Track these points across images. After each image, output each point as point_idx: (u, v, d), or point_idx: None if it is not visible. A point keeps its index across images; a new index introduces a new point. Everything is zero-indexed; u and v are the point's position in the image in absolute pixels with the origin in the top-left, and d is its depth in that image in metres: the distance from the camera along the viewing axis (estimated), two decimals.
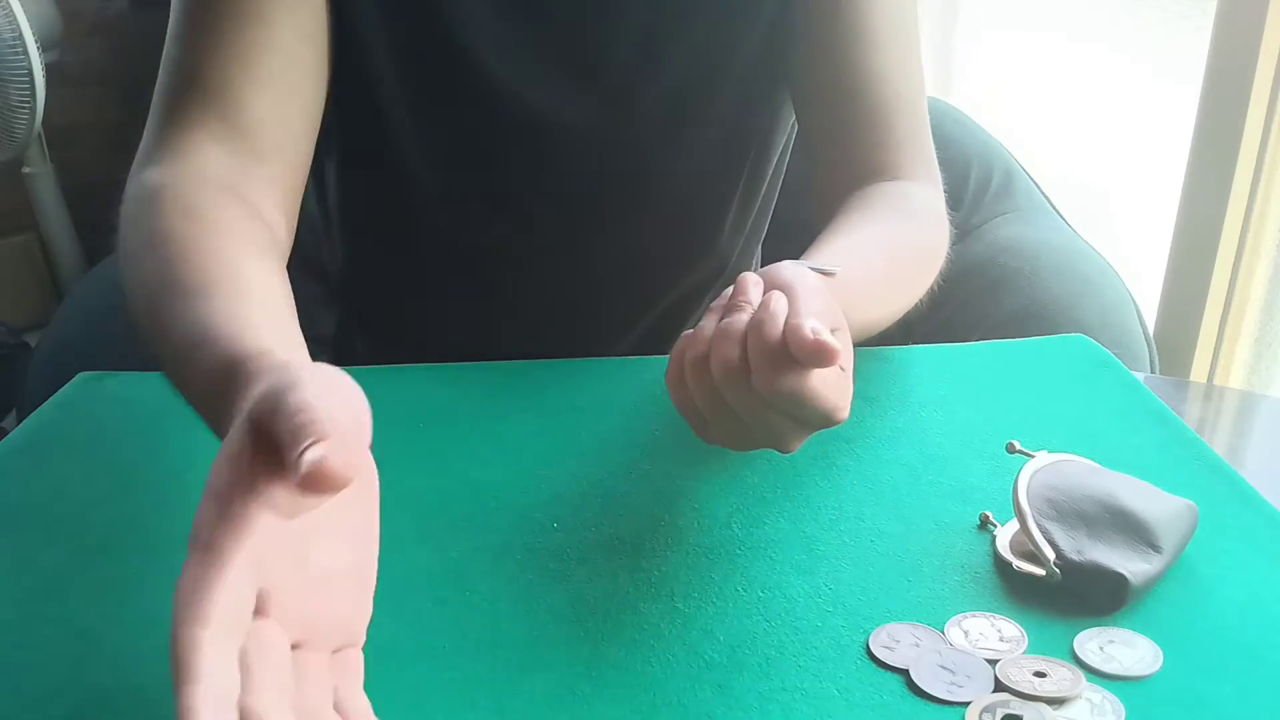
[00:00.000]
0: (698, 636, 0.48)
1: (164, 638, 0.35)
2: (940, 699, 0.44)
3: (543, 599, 0.51)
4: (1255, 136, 1.18)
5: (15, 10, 1.76)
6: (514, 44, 0.75)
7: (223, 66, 0.67)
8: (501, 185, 0.80)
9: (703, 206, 0.84)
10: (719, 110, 0.79)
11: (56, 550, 0.56)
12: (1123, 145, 1.47)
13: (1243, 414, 0.80)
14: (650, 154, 0.80)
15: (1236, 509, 0.57)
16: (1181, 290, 1.29)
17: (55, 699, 0.46)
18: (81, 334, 1.12)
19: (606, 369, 0.74)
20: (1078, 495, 0.52)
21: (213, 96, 0.66)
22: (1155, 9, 1.40)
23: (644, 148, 0.79)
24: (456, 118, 0.77)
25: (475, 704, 0.45)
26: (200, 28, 0.68)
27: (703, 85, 0.78)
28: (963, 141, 1.23)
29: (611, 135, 0.78)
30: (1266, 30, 1.14)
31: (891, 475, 0.60)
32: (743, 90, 0.79)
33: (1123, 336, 1.00)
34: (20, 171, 2.05)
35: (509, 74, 0.75)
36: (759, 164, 0.85)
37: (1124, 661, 0.46)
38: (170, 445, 0.66)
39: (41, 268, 2.27)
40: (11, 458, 0.65)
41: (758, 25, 0.77)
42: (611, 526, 0.56)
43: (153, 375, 0.74)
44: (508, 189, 0.80)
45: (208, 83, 0.67)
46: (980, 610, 0.49)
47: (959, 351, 0.75)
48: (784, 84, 0.81)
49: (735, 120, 0.81)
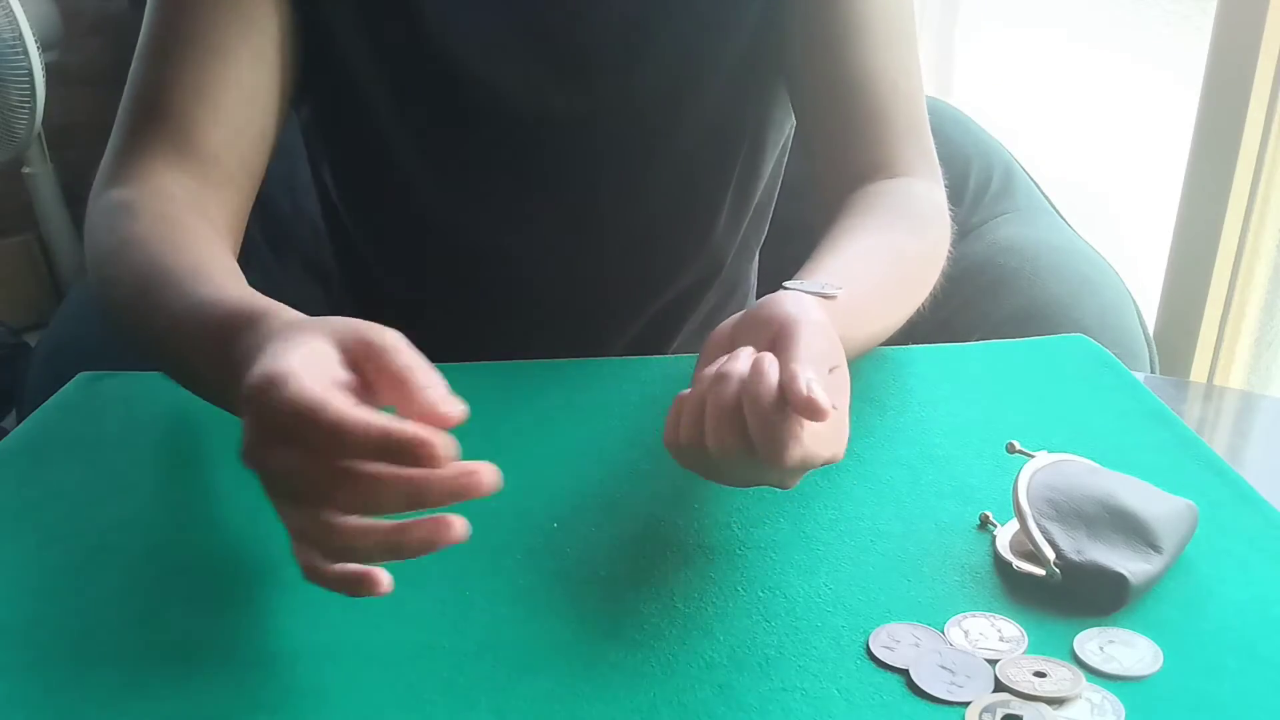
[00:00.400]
0: (698, 636, 0.48)
1: (164, 637, 0.35)
2: (940, 699, 0.44)
3: (543, 599, 0.51)
4: (1255, 136, 1.18)
5: (15, 10, 1.76)
6: (495, 40, 0.75)
7: (182, 99, 0.70)
8: (490, 184, 0.80)
9: (693, 204, 0.84)
10: (707, 106, 0.79)
11: (56, 550, 0.56)
12: (1123, 145, 1.47)
13: (1243, 414, 0.80)
14: (637, 151, 0.80)
15: (1236, 509, 0.57)
16: (1181, 290, 1.29)
17: (55, 699, 0.46)
18: (81, 334, 1.12)
19: (606, 369, 0.74)
20: (1078, 495, 0.52)
21: (172, 128, 0.70)
22: (1155, 9, 1.40)
23: (631, 144, 0.79)
24: (441, 117, 0.78)
25: (475, 704, 0.45)
26: (163, 55, 0.71)
27: (689, 81, 0.78)
28: (963, 141, 1.23)
29: (598, 131, 0.78)
30: (1266, 30, 1.14)
31: (891, 475, 0.60)
32: (731, 86, 0.79)
33: (1123, 336, 1.00)
34: (20, 171, 2.05)
35: (490, 70, 0.76)
36: (752, 162, 0.85)
37: (1124, 661, 0.46)
38: (170, 445, 0.66)
39: (41, 268, 2.27)
40: (11, 458, 0.65)
41: (746, 20, 0.77)
42: (611, 526, 0.56)
43: (153, 375, 0.74)
44: (497, 187, 0.80)
45: (168, 113, 0.70)
46: (980, 610, 0.49)
47: (959, 351, 0.75)
48: (775, 80, 0.81)
49: (724, 116, 0.80)
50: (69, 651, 0.48)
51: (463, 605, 0.51)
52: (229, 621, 0.50)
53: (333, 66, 0.76)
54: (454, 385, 0.57)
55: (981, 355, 0.75)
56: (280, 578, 0.53)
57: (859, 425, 0.65)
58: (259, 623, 0.50)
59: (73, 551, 0.56)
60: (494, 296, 0.85)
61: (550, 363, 0.74)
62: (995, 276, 1.07)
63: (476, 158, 0.79)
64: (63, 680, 0.47)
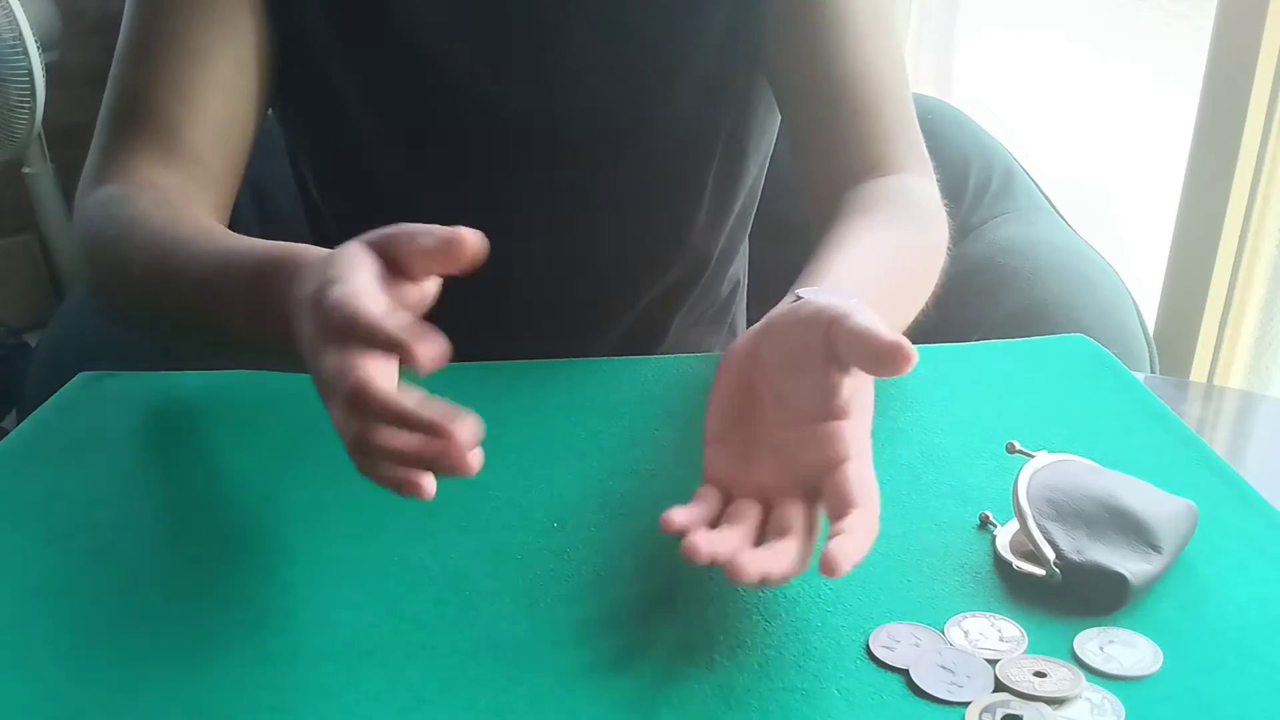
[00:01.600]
0: (698, 636, 0.48)
1: (164, 637, 0.35)
2: (940, 699, 0.44)
3: (543, 599, 0.51)
4: (1255, 136, 1.18)
5: (15, 10, 1.76)
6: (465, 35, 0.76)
7: (166, 99, 0.72)
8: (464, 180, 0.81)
9: (671, 200, 0.84)
10: (680, 101, 0.79)
11: (56, 550, 0.56)
12: (1123, 145, 1.47)
13: (1243, 414, 0.80)
14: (606, 150, 0.80)
15: (1236, 509, 0.57)
16: (1181, 290, 1.29)
17: (55, 699, 0.46)
18: (81, 334, 1.12)
19: (606, 369, 0.74)
20: (1078, 495, 0.52)
21: (157, 128, 0.72)
22: (1155, 9, 1.40)
23: (599, 144, 0.80)
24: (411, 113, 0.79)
25: (475, 704, 0.45)
26: (146, 57, 0.73)
27: (662, 76, 0.78)
28: (963, 141, 1.22)
29: (570, 127, 0.79)
30: (1266, 30, 1.14)
31: (891, 475, 0.60)
32: (705, 81, 0.79)
33: (1123, 336, 1.00)
34: (20, 171, 2.04)
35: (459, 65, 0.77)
36: (731, 158, 0.84)
37: (1124, 661, 0.46)
38: (170, 445, 0.66)
39: (41, 268, 2.27)
40: (11, 458, 0.65)
41: (717, 16, 0.77)
42: (611, 526, 0.56)
43: (153, 375, 0.75)
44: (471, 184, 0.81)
45: (152, 113, 0.72)
46: (980, 610, 0.49)
47: (959, 351, 0.75)
48: (752, 81, 0.81)
49: (698, 112, 0.80)
50: (69, 651, 0.48)
51: (463, 605, 0.51)
52: (229, 621, 0.50)
53: (305, 63, 0.77)
54: (453, 386, 0.57)
55: (981, 355, 0.75)
56: (281, 578, 0.53)
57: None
58: (259, 622, 0.50)
59: (73, 551, 0.56)
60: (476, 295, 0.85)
61: (549, 363, 0.74)
62: (995, 276, 1.07)
63: (450, 156, 0.80)
64: (63, 680, 0.47)
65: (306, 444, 0.65)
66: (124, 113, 0.73)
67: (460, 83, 0.77)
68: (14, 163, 2.01)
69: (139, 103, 0.72)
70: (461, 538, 0.56)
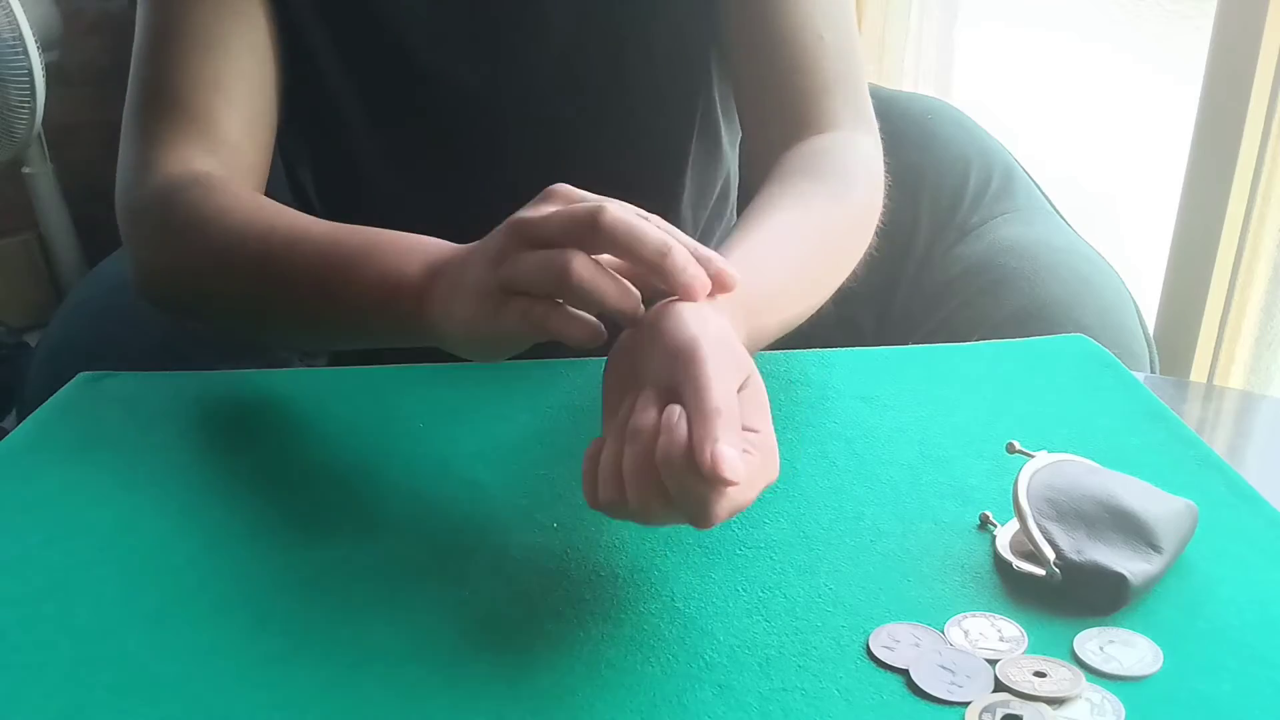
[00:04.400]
0: (698, 636, 0.48)
1: (164, 638, 0.35)
2: (940, 699, 0.44)
3: (543, 599, 0.51)
4: (1255, 136, 1.18)
5: (15, 10, 1.76)
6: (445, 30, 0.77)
7: (199, 90, 0.72)
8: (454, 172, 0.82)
9: (656, 181, 0.85)
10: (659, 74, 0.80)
11: (56, 550, 0.56)
12: (1123, 145, 1.47)
13: (1243, 414, 0.80)
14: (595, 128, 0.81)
15: (1236, 509, 0.57)
16: (1181, 290, 1.29)
17: (55, 699, 0.46)
18: (81, 334, 1.12)
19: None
20: (1078, 495, 0.52)
21: (194, 119, 0.72)
22: (1155, 8, 1.40)
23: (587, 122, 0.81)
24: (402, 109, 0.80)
25: (475, 704, 0.45)
26: (169, 51, 0.73)
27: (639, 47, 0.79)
28: (963, 141, 1.22)
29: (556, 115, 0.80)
30: (1266, 30, 1.14)
31: (891, 475, 0.60)
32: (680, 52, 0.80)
33: (1123, 336, 1.00)
34: (20, 171, 2.05)
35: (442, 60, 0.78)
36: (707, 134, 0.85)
37: (1124, 661, 0.46)
38: (170, 445, 0.66)
39: (41, 268, 2.27)
40: (11, 458, 0.65)
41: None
42: (611, 526, 0.56)
43: (153, 375, 0.75)
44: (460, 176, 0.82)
45: (187, 104, 0.72)
46: (980, 610, 0.49)
47: (959, 351, 0.75)
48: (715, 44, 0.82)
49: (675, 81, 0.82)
50: (69, 651, 0.48)
51: (463, 605, 0.51)
52: (229, 622, 0.50)
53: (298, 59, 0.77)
54: (452, 387, 0.58)
55: (981, 355, 0.75)
56: (281, 578, 0.53)
57: (859, 425, 0.65)
58: (259, 623, 0.50)
59: (73, 551, 0.56)
60: None
61: (549, 363, 0.74)
62: (995, 276, 1.07)
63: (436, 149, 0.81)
64: (63, 680, 0.47)
65: (306, 444, 0.65)
66: (157, 104, 0.72)
67: (444, 78, 0.78)
68: (14, 163, 2.01)
69: (171, 95, 0.72)
70: (461, 538, 0.56)
